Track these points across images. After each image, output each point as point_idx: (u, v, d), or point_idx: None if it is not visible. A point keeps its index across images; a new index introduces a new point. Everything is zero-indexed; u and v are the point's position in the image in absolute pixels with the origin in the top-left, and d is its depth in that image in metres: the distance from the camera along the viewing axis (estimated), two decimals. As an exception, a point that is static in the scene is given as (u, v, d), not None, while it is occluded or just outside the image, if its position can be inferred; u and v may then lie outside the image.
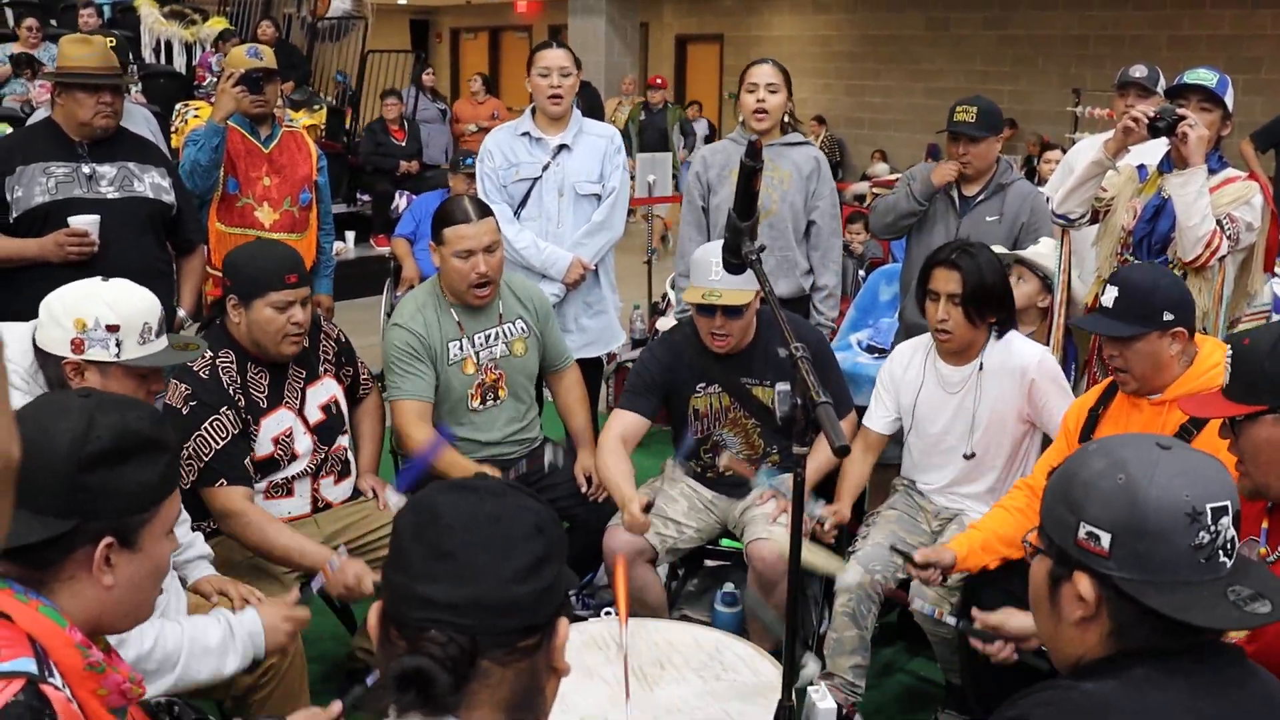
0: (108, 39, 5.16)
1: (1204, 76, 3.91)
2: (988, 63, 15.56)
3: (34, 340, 2.64)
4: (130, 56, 9.41)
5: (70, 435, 1.64)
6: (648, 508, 3.48)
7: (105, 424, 1.67)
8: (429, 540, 1.36)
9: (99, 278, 2.70)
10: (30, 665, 1.50)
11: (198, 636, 2.46)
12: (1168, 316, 2.99)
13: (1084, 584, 1.59)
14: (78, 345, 2.56)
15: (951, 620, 3.10)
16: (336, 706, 2.31)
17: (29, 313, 2.75)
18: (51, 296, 2.64)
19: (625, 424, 3.79)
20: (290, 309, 3.36)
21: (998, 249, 4.13)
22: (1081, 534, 1.59)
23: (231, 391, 3.34)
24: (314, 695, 3.18)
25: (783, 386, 2.08)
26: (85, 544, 1.64)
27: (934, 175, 4.36)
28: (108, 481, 1.65)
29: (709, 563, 4.32)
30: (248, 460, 3.36)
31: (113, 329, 2.56)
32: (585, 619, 3.38)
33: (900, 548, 3.62)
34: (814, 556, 3.20)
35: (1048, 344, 4.08)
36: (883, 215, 4.56)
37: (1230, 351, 2.44)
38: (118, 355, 2.58)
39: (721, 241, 2.59)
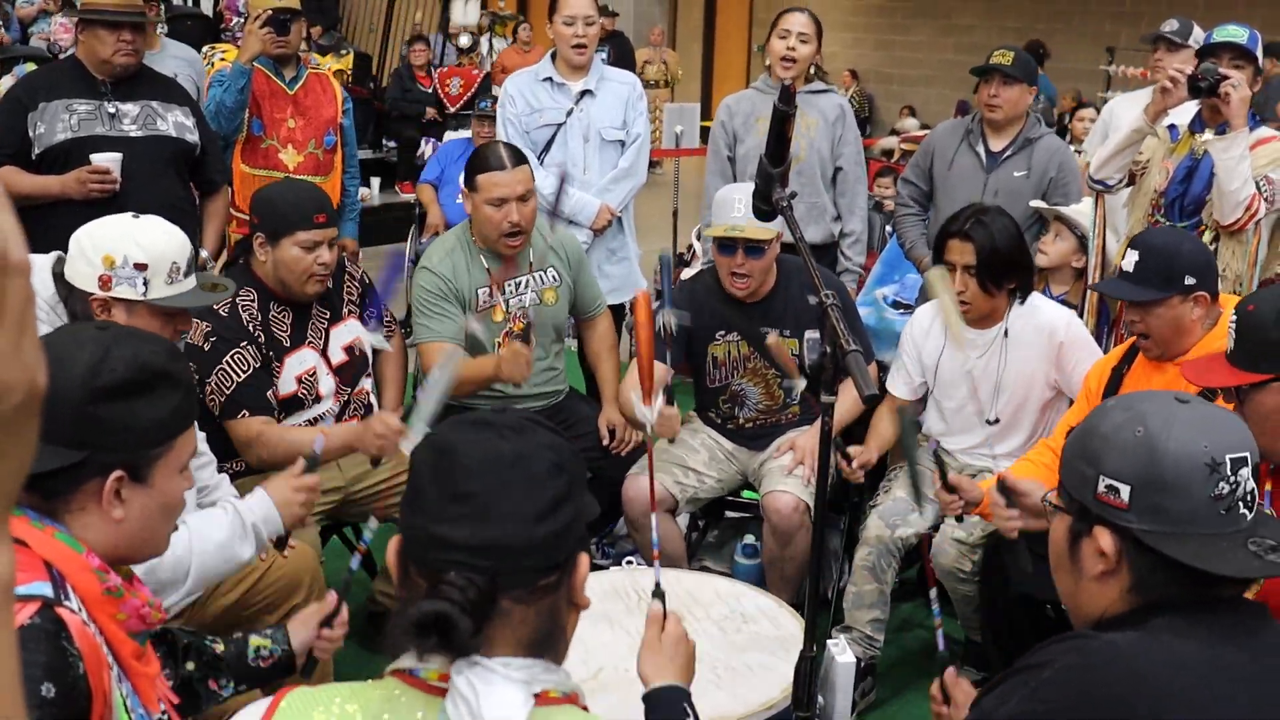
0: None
1: (1234, 33, 3.89)
2: (1021, 18, 15.33)
3: (53, 271, 2.62)
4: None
5: (84, 366, 1.62)
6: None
7: (120, 356, 1.65)
8: (446, 481, 1.34)
9: (130, 214, 2.67)
10: (46, 589, 1.51)
11: (205, 532, 2.38)
12: (1189, 281, 2.94)
13: (1104, 538, 1.59)
14: (105, 282, 2.54)
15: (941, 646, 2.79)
16: (333, 597, 2.29)
17: (55, 250, 2.73)
18: (81, 231, 2.61)
19: None
20: (318, 249, 3.36)
21: (1038, 204, 4.09)
22: (1101, 487, 1.59)
23: (251, 328, 3.34)
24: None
25: (812, 334, 2.05)
26: (95, 476, 1.63)
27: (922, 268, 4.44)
28: (120, 414, 1.63)
29: (729, 514, 4.31)
30: (270, 393, 3.36)
31: (141, 267, 2.54)
32: (605, 568, 3.37)
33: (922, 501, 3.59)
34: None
35: (1082, 305, 4.03)
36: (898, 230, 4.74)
37: (1235, 317, 2.40)
38: (144, 294, 2.56)
39: (746, 183, 2.54)
